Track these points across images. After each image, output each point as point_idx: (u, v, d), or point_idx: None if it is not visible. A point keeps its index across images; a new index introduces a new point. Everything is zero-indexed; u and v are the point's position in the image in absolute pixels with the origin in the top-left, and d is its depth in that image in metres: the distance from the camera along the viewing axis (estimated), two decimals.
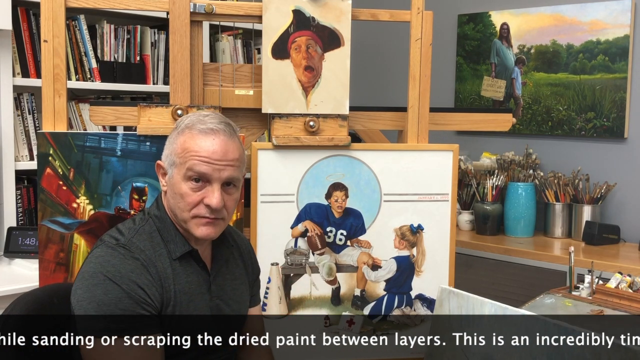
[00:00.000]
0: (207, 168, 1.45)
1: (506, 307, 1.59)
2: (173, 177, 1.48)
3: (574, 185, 3.04)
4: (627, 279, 2.05)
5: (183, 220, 1.48)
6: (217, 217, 1.48)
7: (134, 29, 3.13)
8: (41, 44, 2.04)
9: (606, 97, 3.07)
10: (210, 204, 1.45)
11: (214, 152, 1.46)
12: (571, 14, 3.16)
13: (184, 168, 1.46)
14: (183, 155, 1.47)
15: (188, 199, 1.46)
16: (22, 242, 2.62)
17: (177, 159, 1.48)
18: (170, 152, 1.50)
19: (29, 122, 2.77)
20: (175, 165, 1.48)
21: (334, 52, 2.16)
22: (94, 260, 1.43)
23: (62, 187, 2.02)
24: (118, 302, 1.37)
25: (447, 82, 3.57)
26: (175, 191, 1.48)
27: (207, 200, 1.46)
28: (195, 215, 1.47)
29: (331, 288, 2.22)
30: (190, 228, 1.48)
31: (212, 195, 1.46)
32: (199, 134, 1.48)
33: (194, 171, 1.45)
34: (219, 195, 1.46)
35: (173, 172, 1.48)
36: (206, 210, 1.46)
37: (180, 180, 1.47)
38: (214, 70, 2.23)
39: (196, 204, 1.46)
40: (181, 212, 1.48)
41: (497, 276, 2.89)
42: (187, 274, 1.50)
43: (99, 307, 1.36)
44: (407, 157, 2.23)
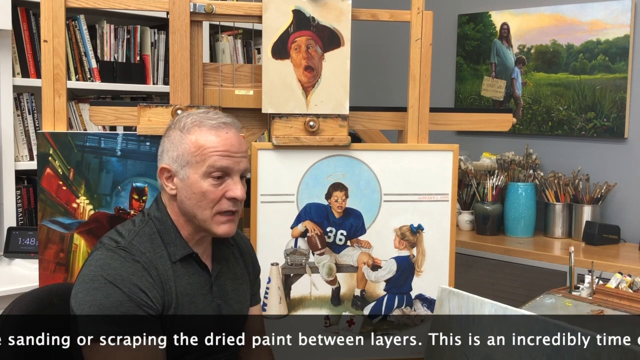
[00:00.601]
0: (229, 161, 1.46)
1: (506, 307, 1.59)
2: (189, 178, 1.46)
3: (574, 185, 3.04)
4: (627, 279, 2.05)
5: (203, 219, 1.47)
6: (238, 209, 1.49)
7: (134, 29, 3.13)
8: (41, 44, 2.03)
9: (606, 97, 3.07)
10: (236, 196, 1.46)
11: (232, 145, 1.47)
12: (571, 14, 3.16)
13: (203, 166, 1.45)
14: (199, 154, 1.46)
15: (211, 196, 1.46)
16: (22, 242, 2.62)
17: (191, 158, 1.46)
18: (181, 153, 1.48)
19: (29, 122, 2.77)
20: (191, 165, 1.46)
21: (334, 52, 2.16)
22: (94, 263, 1.42)
23: (62, 187, 2.02)
24: (119, 306, 1.37)
25: (447, 82, 3.57)
26: (194, 191, 1.46)
27: (230, 193, 1.46)
28: (218, 211, 1.47)
29: (331, 288, 2.22)
30: (210, 226, 1.48)
31: (235, 187, 1.47)
32: (211, 129, 1.48)
33: (215, 167, 1.45)
34: (242, 186, 1.48)
35: (188, 173, 1.47)
36: (229, 203, 1.47)
37: (199, 179, 1.46)
38: (214, 70, 2.23)
39: (219, 200, 1.46)
40: (202, 211, 1.47)
41: (497, 276, 2.89)
42: (189, 275, 1.50)
43: (100, 311, 1.36)
44: (407, 157, 2.23)
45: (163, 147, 1.53)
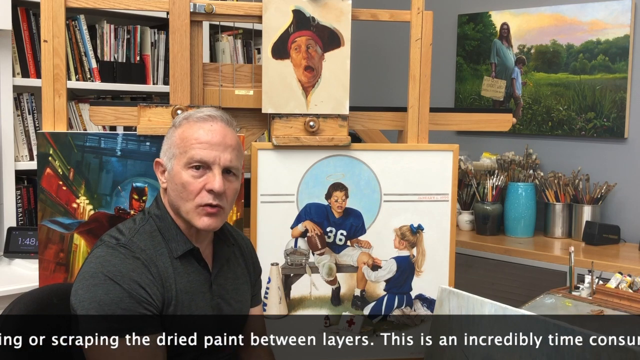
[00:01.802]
0: (207, 153, 1.46)
1: (506, 307, 1.59)
2: (173, 169, 1.49)
3: (574, 185, 3.04)
4: (627, 279, 2.05)
5: (185, 211, 1.48)
6: (219, 204, 1.47)
7: (134, 29, 3.13)
8: (41, 44, 2.04)
9: (606, 97, 3.07)
10: (212, 188, 1.46)
11: (212, 137, 1.48)
12: (571, 14, 3.16)
13: (184, 157, 1.47)
14: (182, 145, 1.48)
15: (190, 187, 1.46)
16: (22, 242, 2.62)
17: (176, 150, 1.49)
18: (169, 145, 1.51)
19: (29, 122, 2.77)
20: (175, 156, 1.49)
21: (334, 52, 2.16)
22: (95, 260, 1.43)
23: (62, 187, 2.02)
24: (119, 302, 1.37)
25: (447, 82, 3.57)
26: (176, 182, 1.48)
27: (209, 185, 1.46)
28: (198, 204, 1.47)
29: (331, 288, 2.22)
30: (192, 219, 1.48)
31: (213, 180, 1.46)
32: (196, 122, 1.50)
33: (194, 158, 1.46)
34: (221, 179, 1.47)
35: (173, 164, 1.49)
36: (208, 197, 1.46)
37: (181, 170, 1.47)
38: (214, 70, 2.23)
39: (198, 192, 1.47)
40: (184, 202, 1.47)
41: (497, 276, 2.89)
42: (189, 273, 1.50)
43: (100, 307, 1.36)
44: (407, 157, 2.23)
45: (162, 143, 1.56)
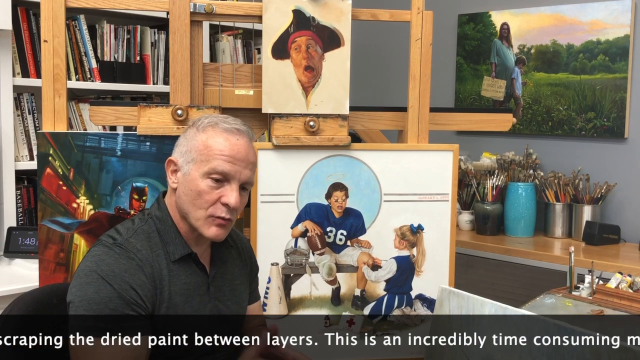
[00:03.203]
0: (231, 167, 1.46)
1: (506, 307, 1.59)
2: (190, 174, 1.48)
3: (574, 185, 3.04)
4: (627, 279, 2.05)
5: (196, 218, 1.47)
6: (231, 217, 1.48)
7: (134, 29, 3.13)
8: (41, 44, 2.03)
9: (606, 97, 3.07)
10: (229, 203, 1.46)
11: (238, 152, 1.47)
12: (571, 14, 3.16)
13: (206, 166, 1.46)
14: (206, 153, 1.47)
15: (206, 197, 1.46)
16: (22, 242, 2.62)
17: (197, 156, 1.47)
18: (190, 148, 1.49)
19: (29, 122, 2.77)
20: (195, 162, 1.47)
21: (334, 52, 2.16)
22: (90, 258, 1.44)
23: (62, 187, 2.02)
24: (108, 302, 1.38)
25: (447, 82, 3.57)
26: (191, 187, 1.47)
27: (225, 199, 1.46)
28: (211, 214, 1.47)
29: (331, 288, 2.22)
30: (200, 227, 1.48)
31: (230, 194, 1.46)
32: (223, 133, 1.48)
33: (217, 170, 1.45)
34: (238, 194, 1.47)
35: (190, 169, 1.48)
36: (222, 209, 1.46)
37: (199, 177, 1.46)
38: (214, 70, 2.23)
39: (213, 203, 1.46)
40: (195, 210, 1.47)
41: (497, 276, 2.89)
42: (186, 276, 1.50)
43: (89, 306, 1.37)
44: (407, 157, 2.23)
45: (178, 141, 1.55)
